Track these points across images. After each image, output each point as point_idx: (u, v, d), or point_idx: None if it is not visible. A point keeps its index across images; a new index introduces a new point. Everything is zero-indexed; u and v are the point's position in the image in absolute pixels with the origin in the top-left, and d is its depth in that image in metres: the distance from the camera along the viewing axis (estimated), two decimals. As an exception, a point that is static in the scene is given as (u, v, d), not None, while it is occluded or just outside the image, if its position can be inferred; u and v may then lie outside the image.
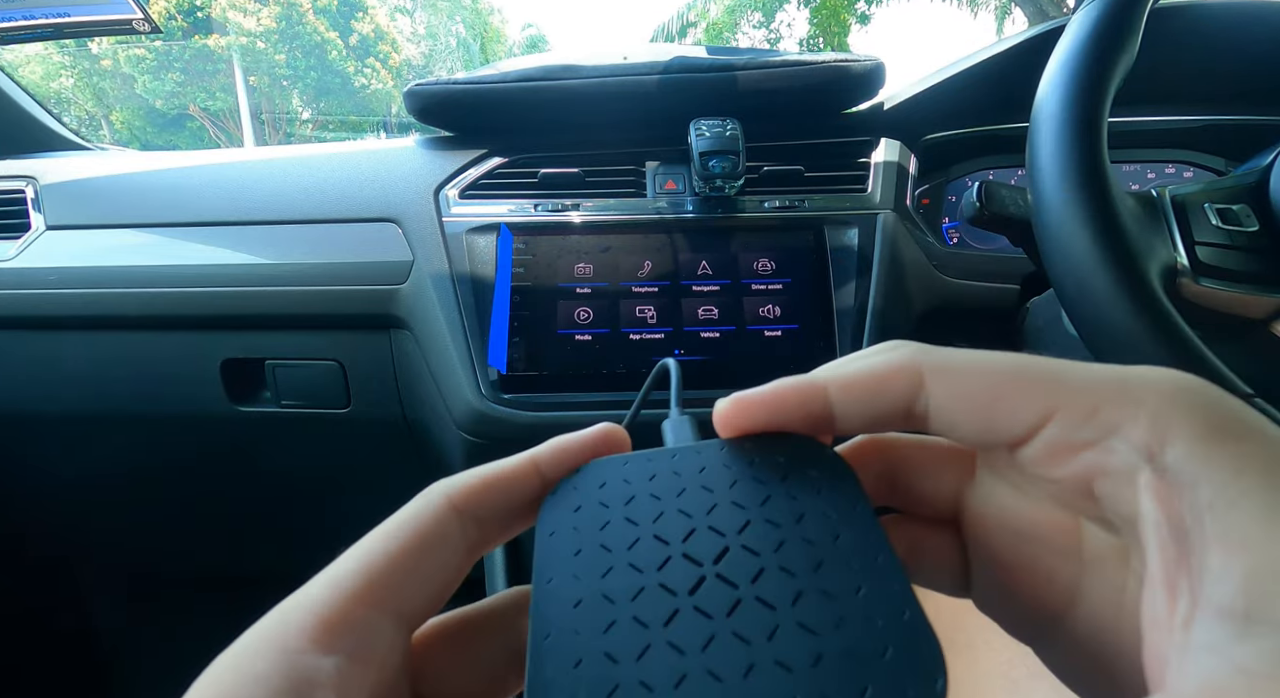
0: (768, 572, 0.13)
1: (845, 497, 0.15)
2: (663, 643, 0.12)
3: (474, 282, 0.54)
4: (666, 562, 0.14)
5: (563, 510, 0.16)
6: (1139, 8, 0.37)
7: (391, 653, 0.14)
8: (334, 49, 14.29)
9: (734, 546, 0.14)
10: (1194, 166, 0.62)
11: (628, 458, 0.17)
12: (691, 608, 0.13)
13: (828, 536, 0.14)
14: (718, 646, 0.12)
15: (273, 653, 0.13)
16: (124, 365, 0.64)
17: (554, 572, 0.14)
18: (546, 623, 0.13)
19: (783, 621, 0.12)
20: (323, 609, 0.13)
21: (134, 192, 0.65)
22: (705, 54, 0.61)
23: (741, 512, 0.15)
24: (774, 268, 0.55)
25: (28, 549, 0.85)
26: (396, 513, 0.15)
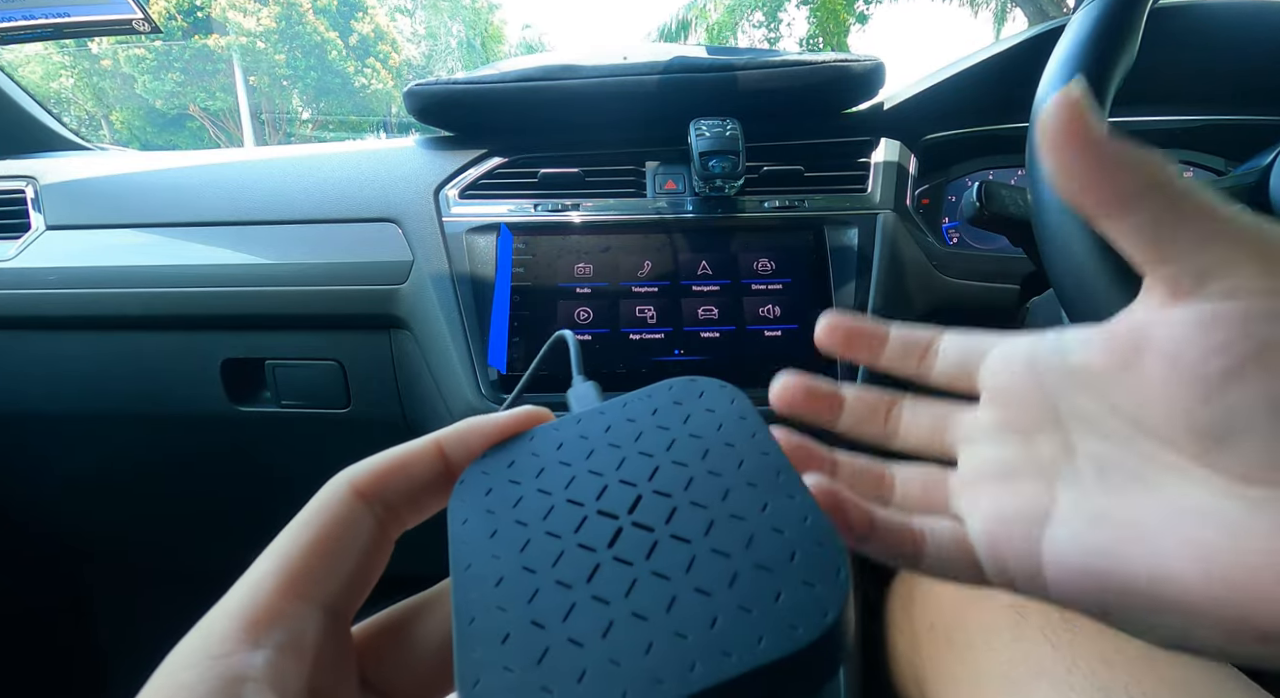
0: (680, 510, 0.14)
1: (744, 427, 0.16)
2: (587, 599, 0.13)
3: (474, 282, 0.54)
4: (583, 522, 0.14)
5: (474, 496, 0.16)
6: (1139, 8, 0.37)
7: (323, 641, 0.14)
8: (334, 49, 14.29)
9: (646, 493, 0.15)
10: (1194, 166, 0.62)
11: (533, 433, 0.17)
12: (611, 559, 0.13)
13: (731, 465, 0.15)
14: (640, 588, 0.13)
15: (198, 661, 0.13)
16: (124, 365, 0.64)
17: (472, 557, 0.14)
18: (470, 607, 0.13)
19: (699, 551, 0.13)
20: (244, 609, 0.14)
21: (134, 192, 0.65)
22: (705, 54, 0.61)
23: (649, 460, 0.15)
24: (774, 268, 0.55)
25: (28, 549, 0.85)
26: (305, 507, 0.16)
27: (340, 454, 0.70)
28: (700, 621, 0.12)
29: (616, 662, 0.12)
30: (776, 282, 0.55)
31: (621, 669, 0.12)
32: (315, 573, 0.14)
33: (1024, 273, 0.57)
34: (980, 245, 0.63)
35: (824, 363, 0.52)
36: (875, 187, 0.58)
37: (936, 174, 0.63)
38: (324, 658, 0.14)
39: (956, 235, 0.63)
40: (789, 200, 0.57)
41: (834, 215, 0.56)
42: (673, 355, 0.53)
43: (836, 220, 0.56)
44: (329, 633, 0.15)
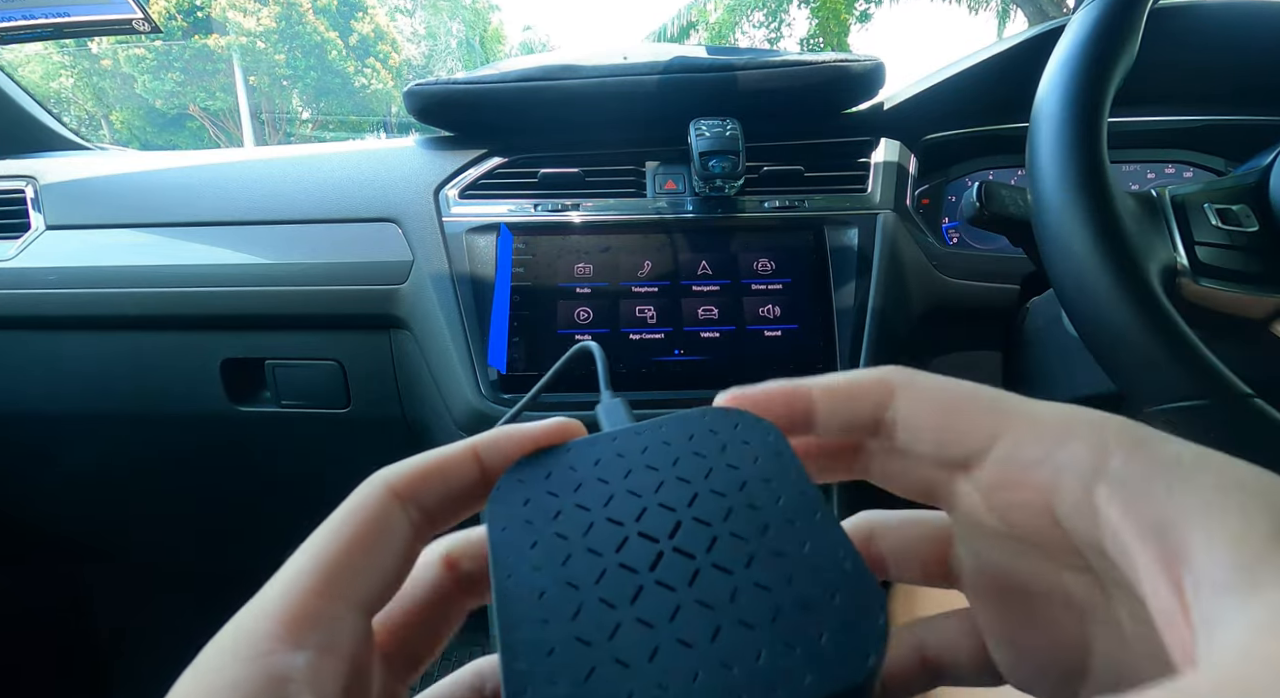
0: (720, 540, 0.14)
1: (781, 462, 0.15)
2: (632, 620, 0.13)
3: (474, 282, 0.54)
4: (624, 542, 0.14)
5: (512, 505, 0.16)
6: (1139, 8, 0.37)
7: (358, 642, 0.14)
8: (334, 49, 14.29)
9: (685, 519, 0.15)
10: (1194, 166, 0.62)
11: (569, 446, 0.17)
12: (654, 583, 0.13)
13: (770, 499, 0.15)
14: (684, 615, 0.13)
15: (243, 657, 0.13)
16: (124, 365, 0.64)
17: (513, 567, 0.14)
18: (514, 618, 0.13)
19: (740, 583, 0.13)
20: (285, 607, 0.13)
21: (134, 192, 0.65)
22: (705, 54, 0.61)
23: (687, 486, 0.15)
24: (774, 268, 0.55)
25: (28, 548, 0.85)
26: (340, 506, 0.15)
27: (340, 454, 0.70)
28: (746, 653, 0.12)
29: (664, 687, 0.12)
30: (776, 282, 0.55)
31: (668, 695, 0.12)
32: (352, 574, 0.14)
33: (1024, 273, 0.57)
34: (980, 245, 0.63)
35: (825, 364, 0.52)
36: (875, 186, 0.58)
37: (936, 174, 0.63)
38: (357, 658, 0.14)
39: (956, 235, 0.63)
40: (789, 200, 0.57)
41: (834, 215, 0.56)
42: (673, 355, 0.53)
43: (836, 220, 0.56)
44: (363, 633, 0.14)
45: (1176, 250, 0.38)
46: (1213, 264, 0.38)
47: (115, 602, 0.91)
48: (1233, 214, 0.39)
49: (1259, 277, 0.38)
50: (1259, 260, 0.38)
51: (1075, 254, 0.35)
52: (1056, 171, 0.36)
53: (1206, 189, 0.40)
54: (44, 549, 0.86)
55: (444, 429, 0.56)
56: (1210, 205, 0.39)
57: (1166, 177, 0.62)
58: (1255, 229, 0.39)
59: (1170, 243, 0.38)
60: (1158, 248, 0.37)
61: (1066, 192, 0.35)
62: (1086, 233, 0.34)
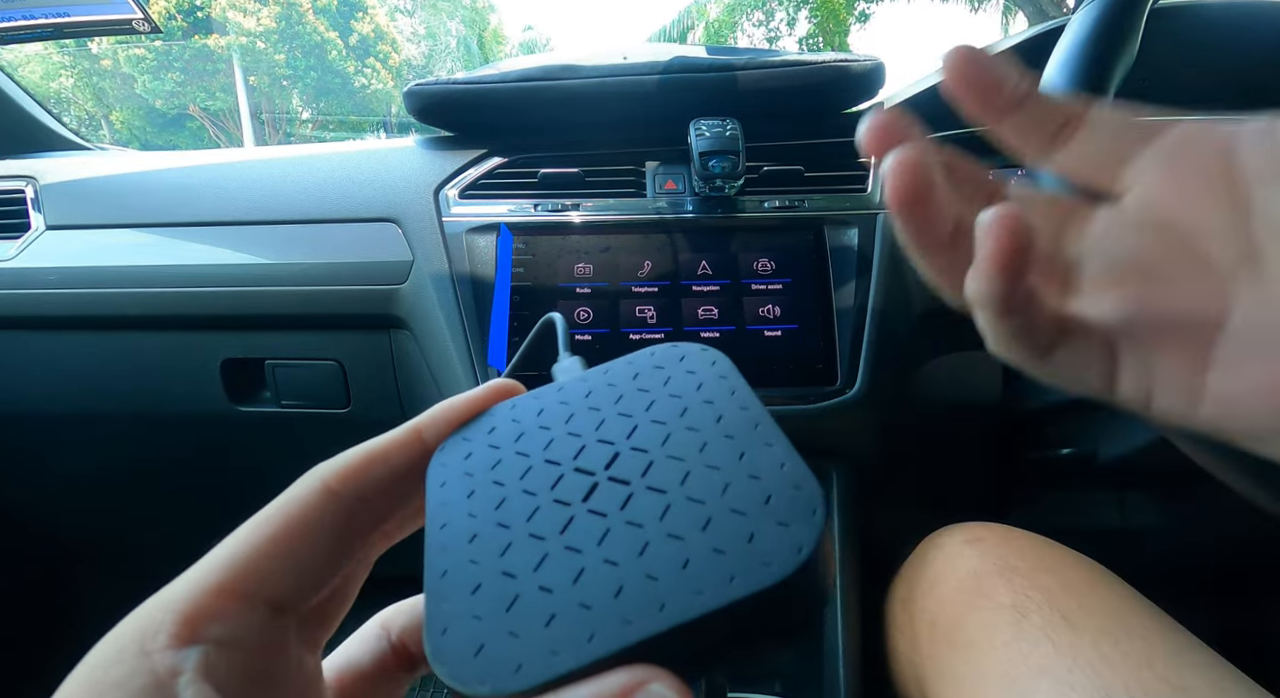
0: (657, 464, 0.14)
1: (724, 385, 0.16)
2: (560, 549, 0.13)
3: (474, 281, 0.54)
4: (559, 480, 0.15)
5: (453, 461, 0.16)
6: (1139, 7, 0.37)
7: (266, 636, 0.14)
8: (334, 49, 14.29)
9: (624, 450, 0.15)
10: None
11: (514, 401, 0.17)
12: (586, 512, 0.14)
13: (710, 420, 0.15)
14: (613, 537, 0.13)
15: (132, 653, 0.13)
16: (124, 365, 0.64)
17: (447, 516, 0.15)
18: (442, 562, 0.14)
19: (674, 500, 0.13)
20: (183, 605, 0.13)
21: (134, 192, 0.65)
22: (705, 54, 0.61)
23: (628, 420, 0.15)
24: (774, 268, 0.55)
25: (27, 548, 0.85)
26: (273, 501, 0.15)
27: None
28: (672, 563, 0.12)
29: (587, 605, 0.12)
30: (776, 282, 0.55)
31: (591, 612, 0.12)
32: (266, 571, 0.14)
33: (1024, 273, 0.57)
34: (980, 245, 0.63)
35: (825, 364, 0.52)
36: (875, 186, 0.58)
37: (936, 174, 0.63)
38: (267, 651, 0.14)
39: (956, 235, 0.63)
40: (789, 200, 0.57)
41: (834, 215, 0.56)
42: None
43: (836, 220, 0.56)
44: (274, 629, 0.14)
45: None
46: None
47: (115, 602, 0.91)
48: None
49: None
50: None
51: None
52: (1057, 171, 0.36)
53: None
54: (43, 549, 0.86)
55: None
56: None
57: (1167, 176, 0.62)
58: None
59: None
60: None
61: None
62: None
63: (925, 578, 0.43)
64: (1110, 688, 0.28)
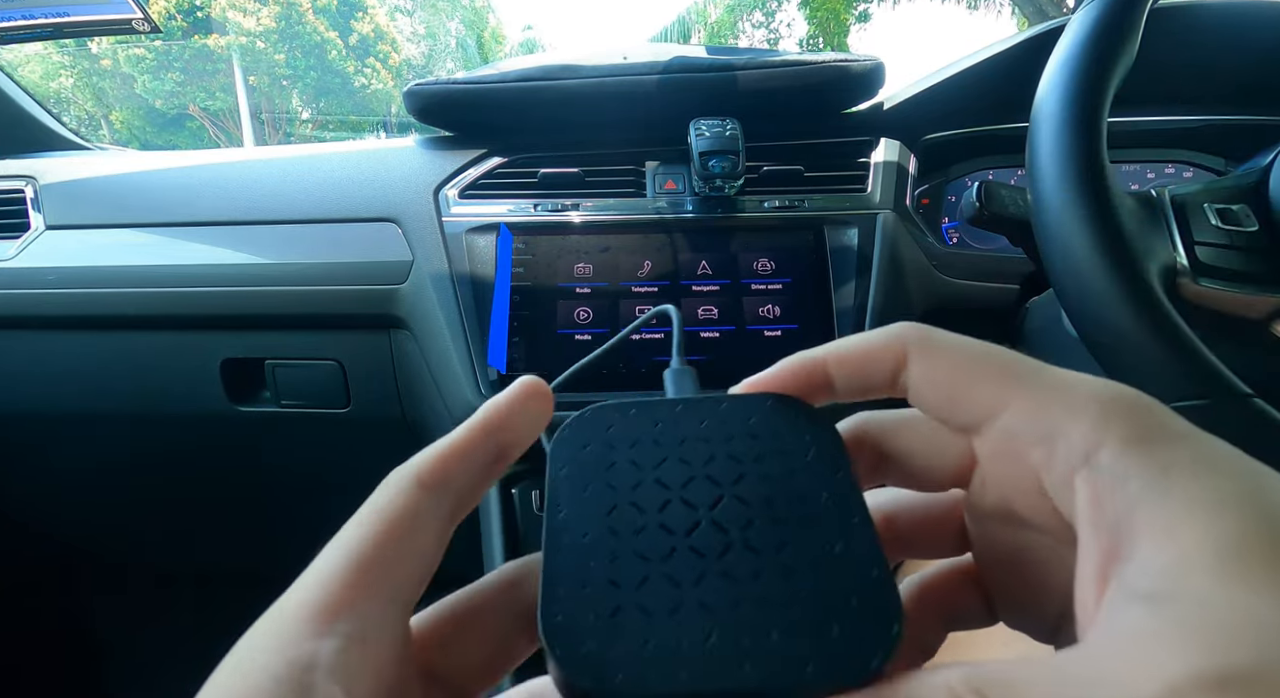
0: (757, 522, 0.15)
1: (831, 459, 0.16)
2: (660, 575, 0.14)
3: (474, 282, 0.54)
4: (666, 504, 0.15)
5: (572, 448, 0.17)
6: (1139, 8, 0.37)
7: (390, 631, 0.15)
8: (334, 49, 14.28)
9: (728, 495, 0.15)
10: (1194, 166, 0.62)
11: (634, 404, 0.18)
12: (687, 547, 0.14)
13: (815, 494, 0.15)
14: (709, 581, 0.14)
15: (271, 644, 0.13)
16: (124, 365, 0.64)
17: (565, 505, 0.15)
18: (558, 549, 0.15)
19: (767, 565, 0.14)
20: (314, 599, 0.14)
21: (134, 192, 0.65)
22: (705, 54, 0.61)
23: (737, 465, 0.16)
24: (774, 268, 0.55)
25: (27, 548, 0.85)
26: (368, 501, 0.16)
27: (340, 454, 0.70)
28: (759, 628, 0.13)
29: (678, 642, 0.13)
30: (776, 282, 0.55)
31: (680, 650, 0.13)
32: (384, 566, 0.15)
33: (1024, 273, 0.57)
34: (980, 245, 0.63)
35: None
36: (875, 187, 0.58)
37: (936, 174, 0.63)
38: (388, 647, 0.15)
39: (956, 235, 0.63)
40: (789, 200, 0.57)
41: (834, 215, 0.56)
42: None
43: (836, 220, 0.56)
44: (396, 624, 0.15)
45: (1176, 250, 0.38)
46: (1213, 264, 0.38)
47: (115, 602, 0.91)
48: (1233, 214, 0.39)
49: (1259, 277, 0.38)
50: (1259, 260, 0.38)
51: (1075, 254, 0.35)
52: (1056, 171, 0.36)
53: (1206, 189, 0.40)
54: (44, 549, 0.86)
55: (444, 430, 0.56)
56: (1210, 205, 0.39)
57: (1166, 177, 0.62)
58: (1255, 229, 0.39)
59: (1170, 243, 0.38)
60: (1158, 248, 0.37)
61: (1066, 192, 0.35)
62: (1086, 233, 0.34)
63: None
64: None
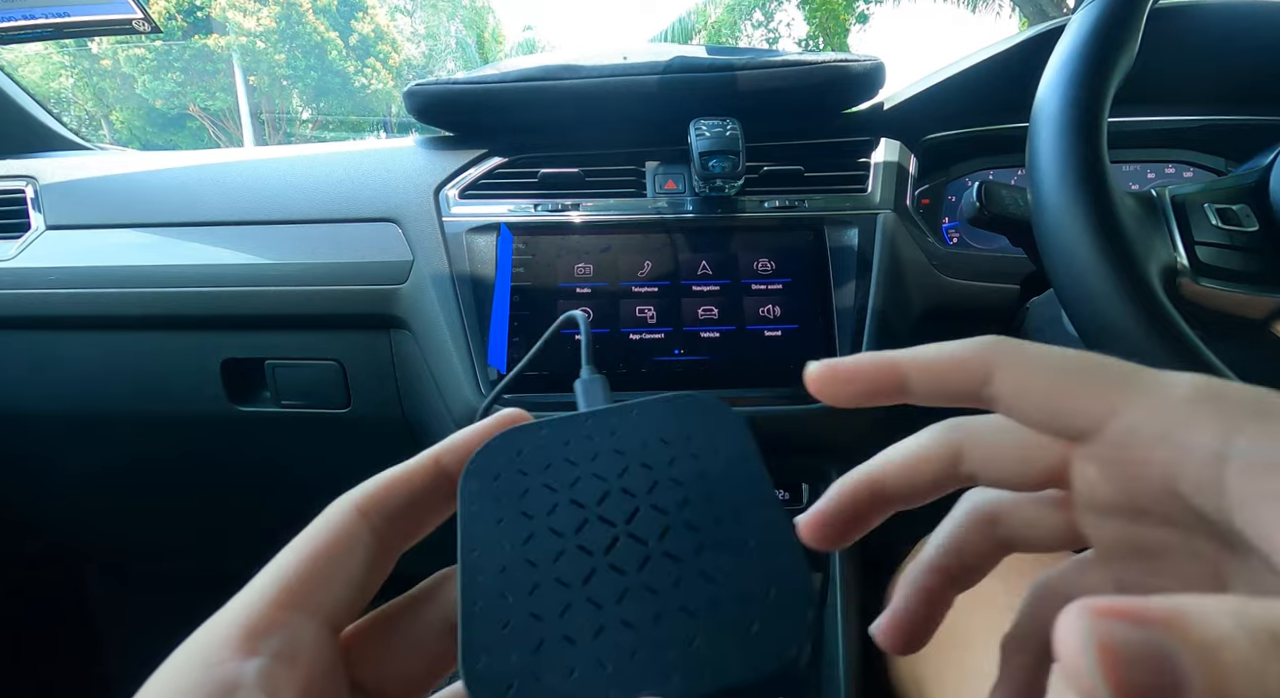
0: (674, 529, 0.15)
1: (742, 456, 0.16)
2: (582, 600, 0.14)
3: (474, 282, 0.54)
4: (583, 525, 0.15)
5: (483, 480, 0.17)
6: (1139, 8, 0.37)
7: (318, 650, 0.15)
8: (334, 49, 14.28)
9: (644, 506, 0.16)
10: (1194, 166, 0.62)
11: (542, 424, 0.18)
12: (607, 566, 0.15)
13: (726, 493, 0.16)
14: (631, 598, 0.14)
15: (197, 666, 0.14)
16: (124, 365, 0.64)
17: (478, 542, 0.16)
18: (475, 590, 0.15)
19: (686, 573, 0.14)
20: (243, 618, 0.14)
21: (134, 192, 0.65)
22: (705, 54, 0.61)
23: (650, 473, 0.16)
24: (774, 268, 0.55)
25: (27, 549, 0.85)
26: (309, 524, 0.16)
27: (340, 454, 0.70)
28: (682, 638, 0.13)
29: (603, 664, 0.13)
30: (776, 282, 0.55)
31: (607, 673, 0.13)
32: (312, 586, 0.15)
33: (1024, 273, 0.57)
34: (980, 245, 0.63)
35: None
36: (875, 187, 0.58)
37: (936, 174, 0.63)
38: (316, 665, 0.15)
39: (956, 235, 0.63)
40: (789, 200, 0.57)
41: (834, 215, 0.56)
42: (673, 355, 0.53)
43: (836, 220, 0.56)
44: (324, 643, 0.15)
45: (1176, 250, 0.38)
46: (1213, 264, 0.38)
47: (114, 602, 0.91)
48: (1233, 214, 0.39)
49: (1259, 277, 0.38)
50: (1259, 260, 0.38)
51: (1075, 254, 0.35)
52: (1056, 171, 0.36)
53: (1206, 189, 0.40)
54: (43, 549, 0.86)
55: (444, 429, 0.56)
56: (1210, 205, 0.39)
57: (1166, 176, 0.62)
58: (1255, 229, 0.39)
59: (1170, 243, 0.38)
60: (1158, 248, 0.37)
61: (1066, 191, 0.35)
62: (1086, 233, 0.34)
63: None
64: (1109, 688, 0.28)
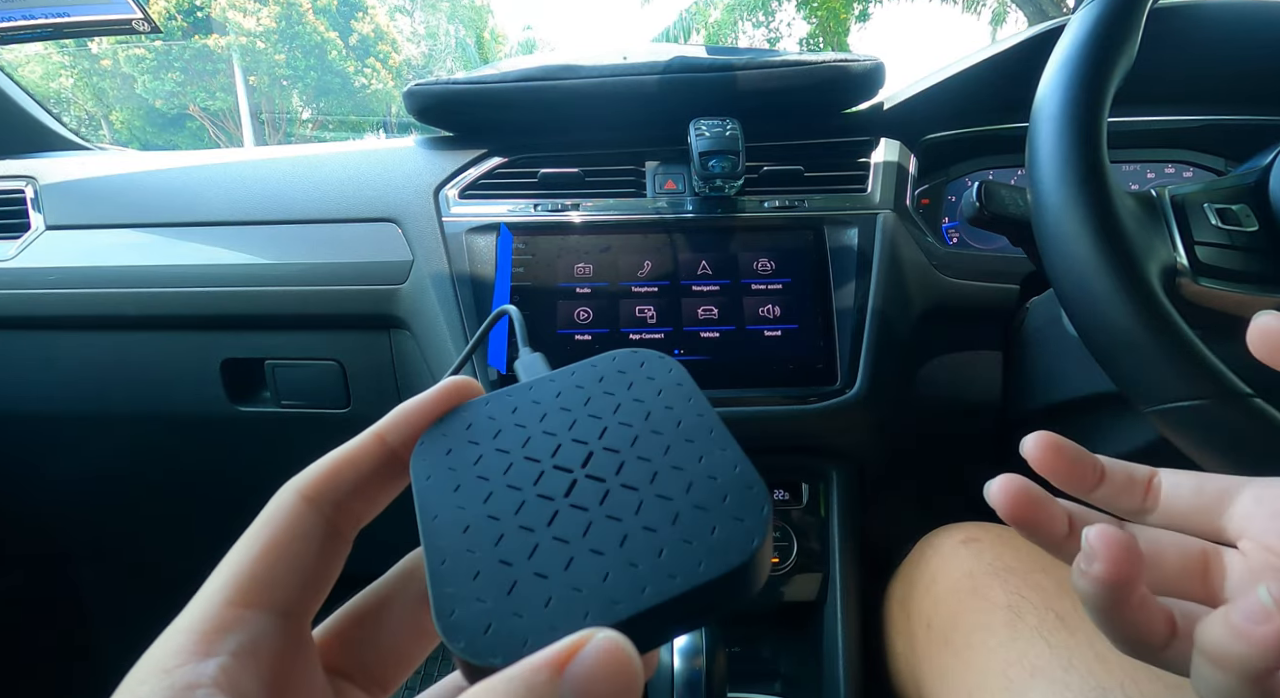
0: (628, 463, 0.16)
1: (681, 392, 0.18)
2: (549, 539, 0.15)
3: (474, 282, 0.54)
4: (540, 476, 0.16)
5: (435, 456, 0.17)
6: (1139, 8, 0.37)
7: (281, 642, 0.15)
8: (334, 49, 14.28)
9: (597, 449, 0.16)
10: (1194, 166, 0.62)
11: (487, 398, 0.19)
12: (569, 506, 0.15)
13: (671, 424, 0.17)
14: (596, 529, 0.15)
15: (155, 673, 0.14)
16: (124, 365, 0.64)
17: (438, 509, 0.16)
18: (441, 551, 0.15)
19: (645, 497, 0.15)
20: (197, 621, 0.14)
21: (134, 192, 0.65)
22: (705, 54, 0.61)
23: (598, 421, 0.17)
24: (774, 268, 0.55)
25: (27, 549, 0.85)
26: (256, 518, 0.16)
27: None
28: (649, 552, 0.14)
29: (579, 589, 0.14)
30: (776, 282, 0.55)
31: (583, 595, 0.14)
32: (264, 580, 0.15)
33: (1024, 273, 0.57)
34: (980, 245, 0.63)
35: (825, 364, 0.52)
36: (875, 187, 0.58)
37: (936, 174, 0.63)
38: (284, 659, 0.15)
39: (956, 235, 0.63)
40: (789, 200, 0.57)
41: (834, 215, 0.56)
42: (673, 355, 0.53)
43: (836, 220, 0.56)
44: (286, 634, 0.15)
45: (1176, 250, 0.38)
46: (1213, 264, 0.38)
47: (114, 602, 0.91)
48: (1233, 214, 0.39)
49: (1259, 277, 0.38)
50: (1259, 260, 0.38)
51: (1075, 254, 0.35)
52: (1056, 171, 0.36)
53: (1206, 189, 0.40)
54: (43, 549, 0.86)
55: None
56: (1210, 205, 0.39)
57: (1166, 176, 0.62)
58: (1255, 229, 0.39)
59: (1170, 243, 0.38)
60: (1158, 248, 0.37)
61: (1066, 191, 0.35)
62: (1086, 233, 0.34)
63: (922, 578, 0.43)
64: (1105, 688, 0.29)
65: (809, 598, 0.53)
